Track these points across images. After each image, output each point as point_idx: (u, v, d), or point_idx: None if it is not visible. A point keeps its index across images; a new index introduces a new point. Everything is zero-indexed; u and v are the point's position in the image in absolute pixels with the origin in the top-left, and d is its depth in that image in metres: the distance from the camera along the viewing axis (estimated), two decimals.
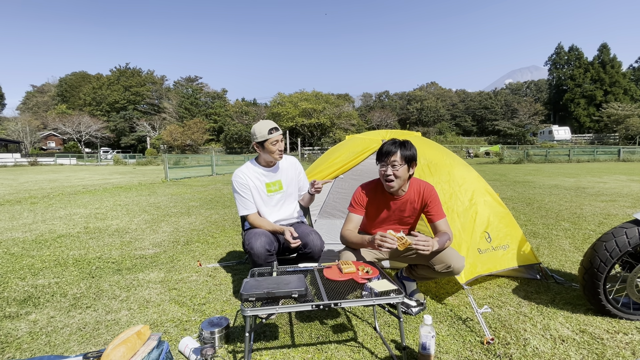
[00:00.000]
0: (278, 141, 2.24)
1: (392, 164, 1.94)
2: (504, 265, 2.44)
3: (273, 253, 2.12)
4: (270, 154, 2.25)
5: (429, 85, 66.07)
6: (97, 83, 57.22)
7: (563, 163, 22.13)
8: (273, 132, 2.19)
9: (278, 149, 2.25)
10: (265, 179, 2.34)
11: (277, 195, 2.36)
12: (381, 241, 1.80)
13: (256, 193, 2.32)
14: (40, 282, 2.75)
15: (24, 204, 6.83)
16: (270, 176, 2.36)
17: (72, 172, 18.66)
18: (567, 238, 3.84)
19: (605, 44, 47.22)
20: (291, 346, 1.81)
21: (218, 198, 7.62)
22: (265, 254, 2.06)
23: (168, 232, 4.42)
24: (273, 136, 2.19)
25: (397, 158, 1.93)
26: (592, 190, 7.79)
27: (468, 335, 1.88)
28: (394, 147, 1.95)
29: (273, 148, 2.22)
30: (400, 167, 1.94)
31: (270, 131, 2.19)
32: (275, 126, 2.23)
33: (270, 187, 2.34)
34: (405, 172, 1.97)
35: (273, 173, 2.37)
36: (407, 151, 1.95)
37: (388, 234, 1.81)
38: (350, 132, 40.92)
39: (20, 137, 42.63)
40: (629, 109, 39.09)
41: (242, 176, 2.31)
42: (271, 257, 2.10)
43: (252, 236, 2.11)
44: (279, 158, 2.30)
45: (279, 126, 2.27)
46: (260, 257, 2.05)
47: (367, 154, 2.86)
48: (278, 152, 2.26)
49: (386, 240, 1.79)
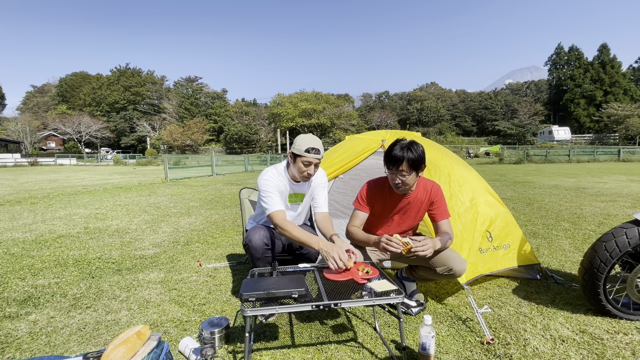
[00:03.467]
0: (311, 164, 2.06)
1: (400, 173, 1.92)
2: (504, 265, 2.44)
3: (270, 247, 2.10)
4: (297, 171, 2.10)
5: (429, 85, 66.12)
6: (97, 83, 57.25)
7: (563, 163, 22.13)
8: (310, 152, 2.03)
9: (307, 171, 2.08)
10: (289, 190, 2.23)
11: (295, 206, 2.32)
12: (387, 244, 1.82)
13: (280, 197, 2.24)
14: (40, 282, 2.75)
15: (24, 204, 6.83)
16: (296, 189, 2.26)
17: (72, 173, 18.66)
18: (567, 238, 3.84)
19: (605, 44, 47.26)
20: (291, 346, 1.81)
21: (218, 198, 7.62)
22: (263, 247, 2.05)
23: (168, 233, 4.41)
24: (307, 156, 2.03)
25: (404, 167, 1.89)
26: (592, 191, 7.79)
27: (468, 336, 1.87)
28: (402, 154, 1.88)
29: (302, 167, 2.07)
30: (408, 176, 1.92)
31: (308, 150, 2.02)
32: (316, 147, 2.04)
33: (292, 198, 2.27)
34: (414, 179, 1.96)
35: (300, 186, 2.26)
36: (414, 156, 1.88)
37: (394, 238, 1.83)
38: (350, 132, 40.94)
39: (20, 138, 42.64)
40: (629, 109, 39.11)
41: (274, 178, 2.15)
42: (269, 251, 2.10)
43: (252, 229, 2.11)
44: (301, 180, 2.16)
45: (318, 148, 2.05)
46: (258, 251, 2.05)
47: (367, 154, 2.86)
48: (307, 174, 2.09)
49: (392, 244, 1.80)
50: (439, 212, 2.07)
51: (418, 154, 1.90)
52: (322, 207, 2.26)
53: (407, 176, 1.92)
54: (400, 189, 2.00)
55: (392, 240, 1.81)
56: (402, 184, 1.95)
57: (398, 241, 1.81)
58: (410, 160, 1.88)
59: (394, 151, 1.91)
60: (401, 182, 1.95)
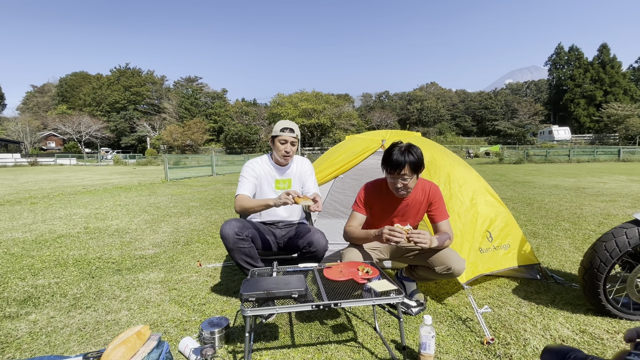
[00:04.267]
0: (287, 142, 2.26)
1: (402, 177, 1.91)
2: (504, 264, 2.44)
3: (245, 238, 2.10)
4: (277, 152, 2.30)
5: (429, 85, 66.11)
6: (97, 83, 57.26)
7: (563, 163, 22.12)
8: (285, 132, 2.24)
9: (285, 149, 2.27)
10: (276, 175, 2.38)
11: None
12: (389, 235, 1.79)
13: (266, 184, 2.36)
14: (40, 282, 2.75)
15: (24, 204, 6.83)
16: (281, 174, 2.39)
17: (72, 172, 18.66)
18: (567, 238, 3.84)
19: (605, 44, 47.25)
20: (291, 346, 1.81)
21: (218, 198, 7.62)
22: (234, 236, 2.06)
23: (168, 232, 4.41)
24: (283, 135, 2.24)
25: (406, 171, 1.88)
26: (592, 191, 7.79)
27: (468, 336, 1.87)
28: (402, 158, 1.86)
29: (280, 146, 2.27)
30: (410, 179, 1.92)
31: (283, 130, 2.24)
32: (290, 127, 2.26)
33: (279, 184, 2.38)
34: (415, 181, 1.96)
35: (284, 171, 2.40)
36: (415, 159, 1.87)
37: (396, 227, 1.81)
38: (350, 132, 40.92)
39: (20, 138, 42.64)
40: (629, 109, 39.10)
41: (254, 164, 2.37)
42: (243, 242, 2.09)
43: (226, 221, 2.15)
44: (282, 160, 2.32)
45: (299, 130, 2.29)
46: (229, 240, 2.06)
47: (367, 154, 2.86)
48: (284, 152, 2.28)
49: (394, 234, 1.78)
50: (437, 213, 2.07)
51: (418, 157, 1.89)
52: (312, 189, 2.43)
53: (409, 180, 1.92)
54: (402, 193, 1.98)
55: (395, 229, 1.79)
56: (404, 187, 1.94)
57: (400, 230, 1.79)
58: (412, 163, 1.87)
59: (394, 155, 1.88)
60: (403, 187, 1.93)
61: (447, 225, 2.07)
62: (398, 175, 1.90)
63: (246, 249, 2.11)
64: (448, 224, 2.08)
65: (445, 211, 2.09)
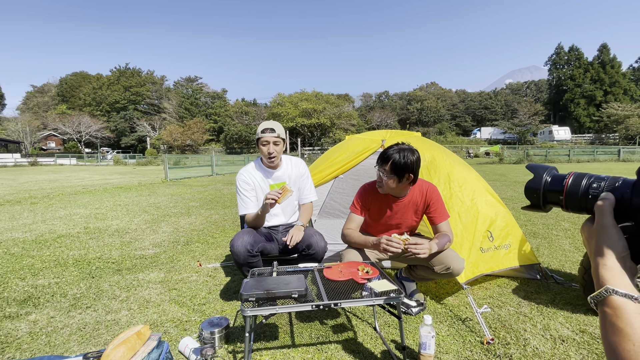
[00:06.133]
0: (269, 143, 2.19)
1: (381, 170, 1.95)
2: (505, 264, 2.44)
3: (255, 254, 2.07)
4: (262, 154, 2.27)
5: (429, 85, 66.07)
6: (97, 83, 57.24)
7: (563, 163, 22.12)
8: (266, 132, 2.18)
9: (268, 150, 2.21)
10: (269, 181, 2.34)
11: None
12: (387, 245, 1.80)
13: (260, 193, 2.32)
14: (40, 282, 2.75)
15: (24, 204, 6.83)
16: (275, 177, 2.35)
17: (72, 173, 18.66)
18: (567, 238, 3.84)
19: (605, 44, 47.21)
20: (291, 346, 1.81)
21: (218, 198, 7.62)
22: (246, 254, 2.02)
23: (168, 232, 4.41)
24: (264, 136, 2.19)
25: (387, 168, 1.91)
26: None
27: (468, 335, 1.87)
28: (390, 154, 1.90)
29: (263, 148, 2.22)
30: (387, 177, 1.93)
31: (264, 131, 2.19)
32: (271, 127, 2.19)
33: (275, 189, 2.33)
34: (393, 183, 1.94)
35: (276, 174, 2.35)
36: (399, 161, 1.86)
37: (393, 237, 1.82)
38: (350, 132, 40.90)
39: (20, 138, 42.62)
40: (628, 109, 39.06)
41: (246, 175, 2.32)
42: (253, 258, 2.06)
43: (237, 234, 2.11)
44: (267, 161, 2.28)
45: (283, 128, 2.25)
46: (240, 257, 2.03)
47: (367, 154, 2.86)
48: (268, 154, 2.22)
49: (392, 244, 1.79)
50: (436, 215, 2.06)
51: (405, 161, 1.86)
52: (309, 197, 2.44)
53: (386, 177, 1.93)
54: (379, 187, 2.03)
55: (392, 240, 1.81)
56: (381, 182, 1.99)
57: (398, 240, 1.80)
58: (394, 163, 1.87)
59: (389, 150, 1.94)
60: (380, 181, 1.99)
61: (447, 226, 2.07)
62: (380, 168, 1.96)
63: (254, 263, 2.09)
64: (448, 224, 2.08)
65: (445, 212, 2.09)
